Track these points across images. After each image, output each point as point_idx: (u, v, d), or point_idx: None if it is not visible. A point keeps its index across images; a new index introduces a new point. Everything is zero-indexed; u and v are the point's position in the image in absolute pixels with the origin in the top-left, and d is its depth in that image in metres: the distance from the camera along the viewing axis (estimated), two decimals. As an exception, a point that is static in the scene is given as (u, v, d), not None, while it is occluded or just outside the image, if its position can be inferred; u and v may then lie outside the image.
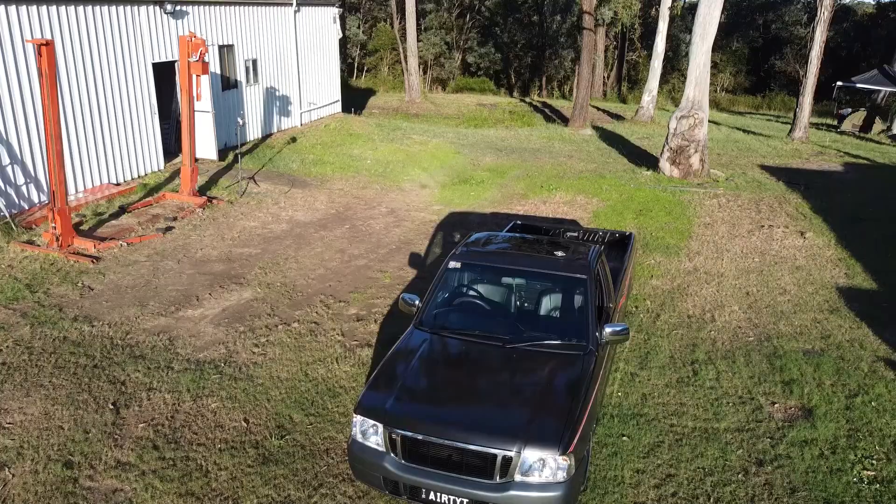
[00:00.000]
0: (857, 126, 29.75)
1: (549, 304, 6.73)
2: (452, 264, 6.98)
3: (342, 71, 29.98)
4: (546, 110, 34.17)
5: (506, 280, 6.97)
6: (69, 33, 12.66)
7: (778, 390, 7.42)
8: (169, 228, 12.03)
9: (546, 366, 5.95)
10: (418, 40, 38.15)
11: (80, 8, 12.79)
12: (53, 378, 7.29)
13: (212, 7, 16.50)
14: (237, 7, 17.53)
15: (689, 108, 16.46)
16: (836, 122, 32.30)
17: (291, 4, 19.80)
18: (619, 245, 9.50)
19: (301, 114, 21.01)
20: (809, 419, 6.88)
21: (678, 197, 15.04)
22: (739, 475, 6.05)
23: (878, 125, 29.23)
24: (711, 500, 5.74)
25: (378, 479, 5.43)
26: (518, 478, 5.10)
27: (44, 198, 12.39)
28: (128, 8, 13.86)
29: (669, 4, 27.01)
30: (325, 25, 22.00)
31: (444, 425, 5.31)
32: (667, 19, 27.14)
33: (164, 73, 15.81)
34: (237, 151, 15.26)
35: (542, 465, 5.08)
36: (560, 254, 7.04)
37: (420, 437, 5.25)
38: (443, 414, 5.54)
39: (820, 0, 22.39)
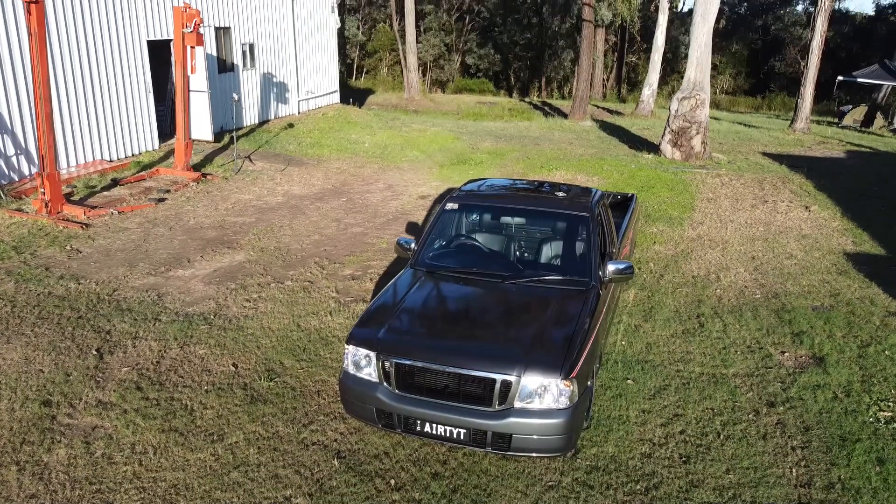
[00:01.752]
0: (859, 121, 29.59)
1: (550, 242, 6.48)
2: (450, 205, 6.73)
3: (341, 72, 29.79)
4: (545, 108, 34.02)
5: (505, 220, 6.74)
6: (62, 4, 12.46)
7: (787, 341, 7.16)
8: (162, 200, 11.79)
9: (547, 299, 5.70)
10: (417, 42, 38.07)
11: (74, -21, 12.63)
12: (36, 328, 7.03)
13: (208, -12, 16.35)
14: (234, -10, 17.39)
15: (690, 89, 16.26)
16: (836, 119, 32.16)
17: (289, -10, 19.68)
18: (622, 206, 9.27)
19: (299, 102, 20.83)
20: (821, 366, 6.61)
21: (680, 176, 14.80)
22: (750, 415, 5.78)
23: (880, 120, 29.07)
24: (721, 437, 5.47)
25: (371, 412, 5.15)
26: (518, 404, 4.83)
27: (35, 170, 12.15)
28: (122, -18, 13.69)
29: (669, -2, 26.91)
30: (323, 14, 21.87)
31: (439, 352, 5.05)
32: (666, 12, 27.03)
33: (159, 56, 15.62)
34: (233, 133, 15.04)
35: (544, 391, 4.81)
36: (561, 194, 6.81)
37: (414, 364, 4.98)
38: (438, 341, 5.29)
39: (821, -11, 22.25)
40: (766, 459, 5.18)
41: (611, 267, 6.04)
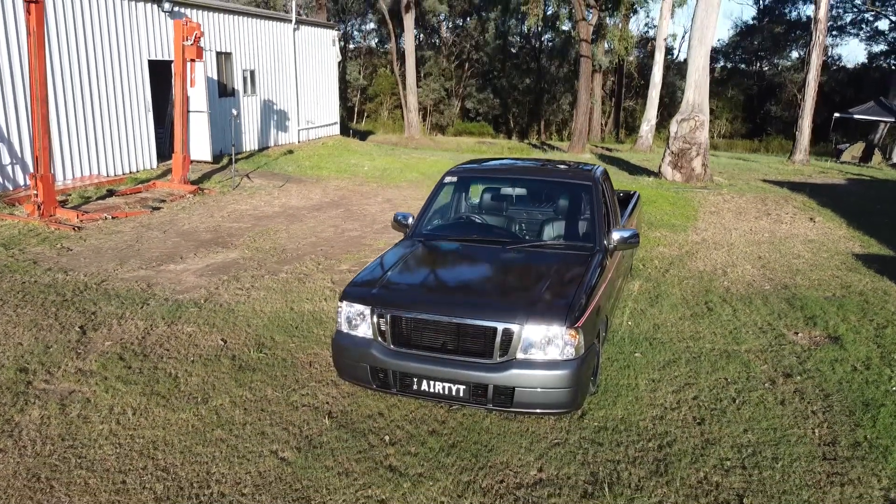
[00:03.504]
0: (857, 157, 29.69)
1: (553, 212, 6.28)
2: (448, 178, 6.54)
3: (342, 116, 29.99)
4: (544, 147, 34.25)
5: (507, 191, 6.53)
6: (64, 21, 12.55)
7: (800, 323, 6.88)
8: (157, 208, 11.63)
9: (551, 260, 5.46)
10: (418, 86, 38.57)
11: (77, -6, 12.76)
12: (18, 308, 6.77)
13: (211, 13, 16.55)
14: (237, 16, 17.61)
15: (689, 111, 16.29)
16: (834, 158, 32.29)
17: (290, 21, 19.95)
18: (623, 203, 9.09)
19: (299, 131, 20.89)
20: (837, 343, 6.32)
21: (682, 194, 14.68)
22: (766, 384, 5.46)
23: (878, 157, 29.19)
24: (736, 403, 5.15)
25: (364, 372, 4.83)
26: (520, 356, 4.53)
27: (30, 185, 12.01)
28: (125, 1, 13.82)
29: (665, 36, 27.35)
30: (324, 46, 22.14)
31: (436, 304, 4.79)
32: (663, 50, 27.44)
33: (161, 81, 15.69)
34: (232, 154, 14.96)
35: (548, 341, 4.52)
36: (563, 167, 6.64)
37: (411, 315, 4.69)
38: (436, 294, 5.04)
39: (815, 23, 22.58)
40: (786, 422, 4.86)
41: (615, 235, 5.80)
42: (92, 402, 4.95)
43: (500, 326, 4.53)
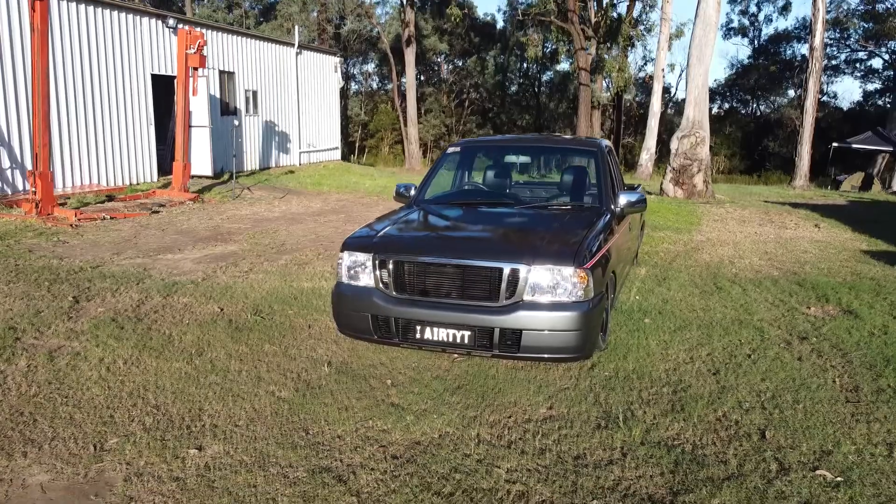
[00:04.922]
0: (856, 186, 29.79)
1: (559, 180, 6.16)
2: (452, 149, 6.45)
3: (343, 151, 30.15)
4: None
5: (510, 159, 6.43)
6: (68, 29, 12.66)
7: (812, 300, 6.70)
8: (156, 212, 11.53)
9: (559, 217, 5.32)
10: (419, 122, 38.89)
11: (83, 6, 12.87)
12: (11, 284, 6.61)
13: (215, 32, 16.73)
14: (240, 38, 17.81)
15: (689, 128, 16.33)
16: (833, 188, 32.38)
17: (293, 46, 20.17)
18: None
19: (300, 153, 20.94)
20: (852, 314, 6.14)
21: (685, 207, 14.61)
22: (781, 345, 5.27)
23: (877, 185, 29.30)
24: (752, 358, 4.95)
25: (366, 322, 4.63)
26: (528, 298, 4.35)
27: (29, 187, 11.94)
28: (130, 16, 13.98)
29: (663, 66, 27.67)
30: (326, 72, 22.36)
31: (441, 248, 4.64)
32: (661, 80, 27.72)
33: (162, 99, 15.79)
34: (232, 166, 14.93)
35: (556, 283, 4.34)
36: (568, 137, 6.55)
37: (414, 259, 4.53)
38: (441, 239, 4.89)
39: (811, 52, 22.89)
40: (805, 373, 4.66)
41: (622, 198, 5.67)
42: (82, 355, 4.76)
43: (507, 267, 4.36)
